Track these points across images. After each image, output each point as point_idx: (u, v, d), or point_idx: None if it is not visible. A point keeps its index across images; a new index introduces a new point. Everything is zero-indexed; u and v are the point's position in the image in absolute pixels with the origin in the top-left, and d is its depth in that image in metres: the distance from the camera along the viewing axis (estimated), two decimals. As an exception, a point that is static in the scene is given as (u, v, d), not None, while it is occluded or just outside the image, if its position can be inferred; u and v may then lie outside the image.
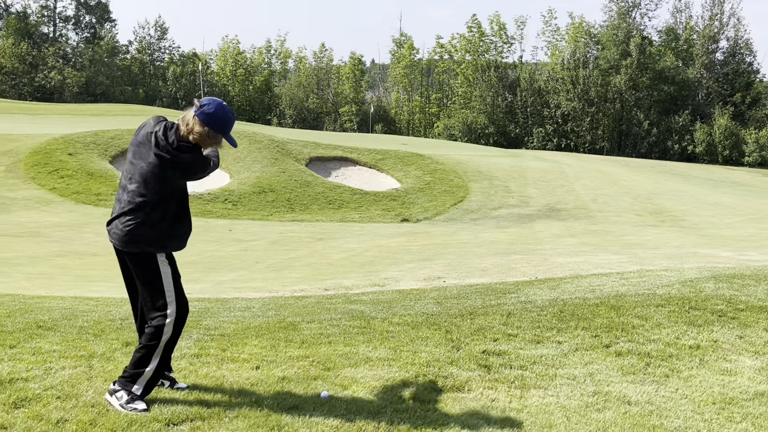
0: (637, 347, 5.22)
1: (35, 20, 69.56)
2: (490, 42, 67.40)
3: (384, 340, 5.37)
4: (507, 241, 16.04)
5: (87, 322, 5.88)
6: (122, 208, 3.80)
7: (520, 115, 60.01)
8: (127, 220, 3.77)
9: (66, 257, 12.58)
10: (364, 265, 12.04)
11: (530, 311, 6.46)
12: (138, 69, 70.83)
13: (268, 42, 75.10)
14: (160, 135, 3.84)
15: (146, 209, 3.77)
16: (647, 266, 9.65)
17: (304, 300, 7.79)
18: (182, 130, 3.87)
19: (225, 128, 3.95)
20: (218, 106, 3.90)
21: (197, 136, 3.87)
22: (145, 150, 3.83)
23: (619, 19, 61.19)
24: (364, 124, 64.59)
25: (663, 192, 28.73)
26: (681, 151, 54.03)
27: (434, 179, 27.59)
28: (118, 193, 3.97)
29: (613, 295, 7.19)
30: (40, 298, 7.49)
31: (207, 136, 3.88)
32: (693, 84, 58.89)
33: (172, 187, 3.86)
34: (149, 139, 3.85)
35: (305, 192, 24.31)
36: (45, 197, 20.34)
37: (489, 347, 5.17)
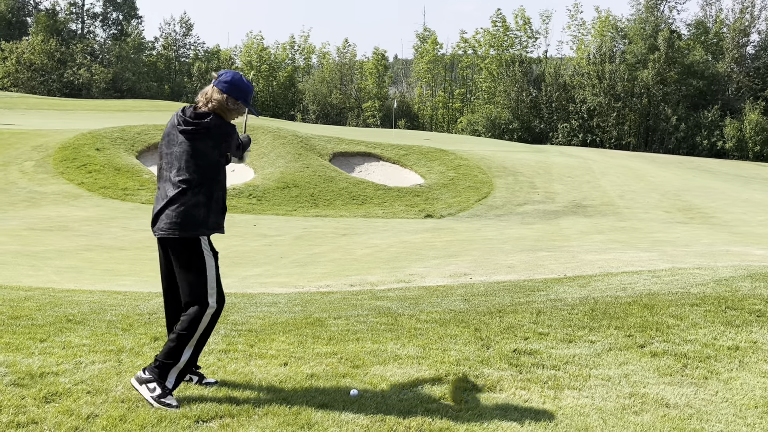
0: (673, 348, 5.08)
1: (64, 17, 70.57)
2: (514, 36, 66.85)
3: (412, 337, 5.30)
4: (533, 238, 15.86)
5: (115, 317, 5.89)
6: (167, 196, 3.79)
7: (545, 111, 59.42)
8: (175, 207, 3.75)
9: (94, 251, 12.70)
10: (389, 261, 11.97)
11: (560, 309, 6.34)
12: (164, 65, 71.52)
13: (291, 38, 75.46)
14: (179, 114, 3.92)
15: (191, 191, 3.76)
16: (679, 264, 9.44)
17: (330, 296, 7.74)
18: (200, 102, 3.92)
19: (244, 95, 3.95)
20: (235, 74, 3.96)
21: (215, 103, 3.89)
22: (173, 135, 3.87)
23: (647, 13, 60.23)
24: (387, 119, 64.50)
25: (692, 188, 28.22)
26: (710, 147, 53.08)
27: (458, 175, 27.42)
28: (158, 189, 3.97)
29: (646, 293, 7.04)
30: (69, 292, 7.54)
31: (226, 104, 3.89)
32: (723, 78, 57.77)
33: (210, 162, 3.83)
34: (173, 124, 3.91)
35: (329, 187, 24.31)
36: (73, 192, 20.59)
37: (520, 346, 5.07)
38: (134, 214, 18.42)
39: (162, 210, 3.79)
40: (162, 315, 6.05)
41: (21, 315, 5.77)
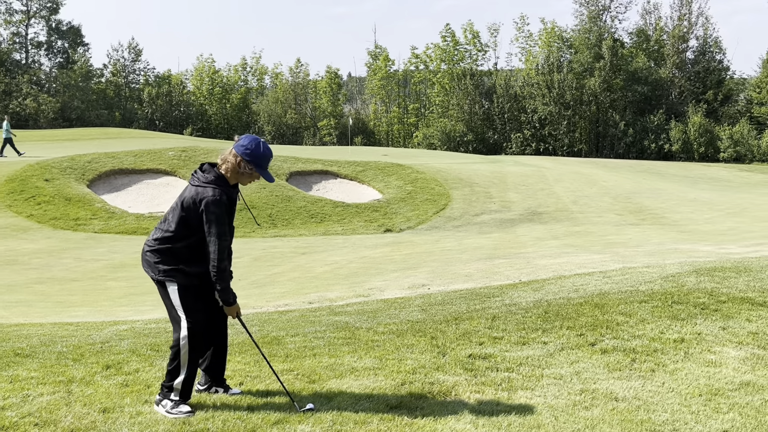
0: (622, 344, 5.22)
1: (7, 47, 68.92)
2: (464, 51, 67.86)
3: (369, 349, 5.32)
4: (490, 246, 16.06)
5: (66, 347, 5.76)
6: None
7: (498, 122, 60.39)
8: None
9: (45, 284, 12.38)
10: (349, 277, 11.97)
11: (515, 313, 6.45)
12: (113, 92, 70.35)
13: (243, 59, 74.99)
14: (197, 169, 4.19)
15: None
16: (629, 264, 9.69)
17: (288, 314, 7.71)
18: (219, 161, 4.12)
19: (258, 161, 4.07)
20: (254, 140, 4.10)
21: (228, 165, 4.04)
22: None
23: (590, 23, 61.95)
24: (343, 137, 64.63)
25: (642, 191, 28.98)
26: (658, 150, 54.64)
27: (415, 188, 27.61)
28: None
29: (597, 293, 7.21)
30: (18, 326, 7.34)
31: (238, 167, 4.03)
32: (666, 83, 59.68)
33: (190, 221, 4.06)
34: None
35: (287, 207, 24.20)
36: (22, 224, 20.04)
37: (475, 351, 5.15)
38: (87, 244, 18.02)
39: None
40: (115, 343, 5.96)
41: (-34, 352, 5.60)
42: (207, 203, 3.89)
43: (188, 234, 3.97)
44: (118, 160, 26.25)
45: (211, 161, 4.24)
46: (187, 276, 3.99)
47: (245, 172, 4.04)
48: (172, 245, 3.99)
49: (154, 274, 4.04)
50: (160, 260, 4.01)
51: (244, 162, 4.02)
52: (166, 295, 4.03)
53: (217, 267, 3.90)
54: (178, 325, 4.01)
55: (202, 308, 4.07)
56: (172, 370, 4.00)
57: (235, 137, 4.05)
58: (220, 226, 3.89)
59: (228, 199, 4.01)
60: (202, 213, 3.89)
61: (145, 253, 4.10)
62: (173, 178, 26.06)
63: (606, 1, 62.54)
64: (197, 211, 3.91)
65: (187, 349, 3.97)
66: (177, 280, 3.99)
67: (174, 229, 3.99)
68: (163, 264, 4.00)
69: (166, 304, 4.09)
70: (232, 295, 4.01)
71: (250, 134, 4.23)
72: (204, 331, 4.07)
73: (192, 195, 3.97)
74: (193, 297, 4.03)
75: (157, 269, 4.01)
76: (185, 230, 3.97)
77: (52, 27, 69.81)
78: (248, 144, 4.04)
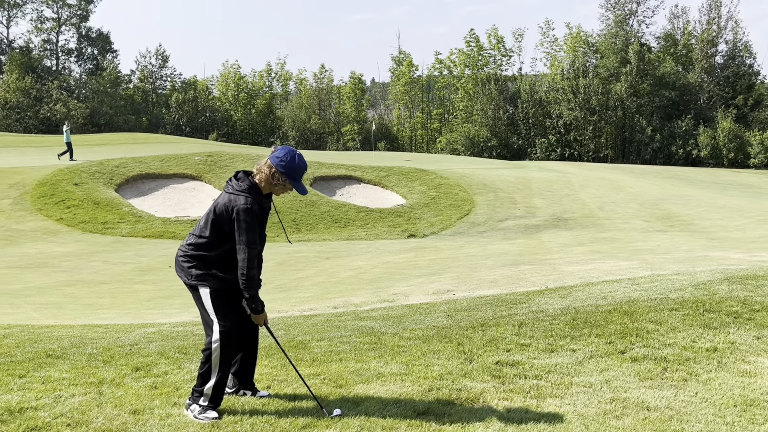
0: (653, 352, 5.14)
1: (38, 54, 70.35)
2: (488, 56, 67.69)
3: (395, 355, 5.30)
4: (515, 252, 15.94)
5: (96, 349, 5.84)
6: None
7: (522, 127, 60.06)
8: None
9: (75, 286, 12.56)
10: (373, 282, 11.97)
11: (542, 320, 6.39)
12: (141, 98, 71.37)
13: (268, 65, 75.60)
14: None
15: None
16: (658, 271, 9.55)
17: (314, 318, 7.73)
18: (254, 170, 4.16)
19: (292, 173, 4.09)
20: (290, 151, 4.12)
21: (262, 175, 4.09)
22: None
23: (617, 27, 61.39)
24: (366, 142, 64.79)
25: (670, 197, 28.57)
26: (686, 155, 53.87)
27: (439, 194, 27.55)
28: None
29: (626, 300, 7.11)
30: (49, 328, 7.46)
31: (271, 178, 4.07)
32: (694, 88, 58.88)
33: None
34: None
35: (311, 212, 24.30)
36: (52, 228, 20.39)
37: (502, 358, 5.10)
38: (115, 248, 18.27)
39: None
40: (143, 345, 6.02)
41: (0, 353, 5.69)
42: (238, 211, 3.93)
43: (221, 241, 4.01)
44: (146, 165, 26.61)
45: (244, 169, 4.28)
46: (219, 280, 4.04)
47: (278, 183, 4.08)
48: (205, 252, 4.05)
49: (187, 278, 4.09)
50: (194, 265, 4.06)
51: (278, 173, 4.05)
52: (199, 299, 4.06)
53: (246, 275, 3.92)
54: (210, 329, 4.04)
55: (235, 312, 4.09)
56: (203, 374, 4.02)
57: (272, 147, 4.06)
58: (250, 234, 3.92)
59: (260, 208, 4.03)
60: (234, 221, 3.92)
61: (178, 258, 4.15)
62: (199, 183, 26.34)
63: (633, 6, 62.00)
64: (229, 218, 3.96)
65: (219, 352, 3.99)
66: (209, 284, 4.03)
67: (207, 236, 4.04)
68: (196, 269, 4.05)
69: (199, 309, 4.13)
70: (260, 304, 4.03)
71: (287, 146, 4.26)
72: (236, 335, 4.09)
73: (225, 202, 4.02)
74: (226, 301, 4.06)
75: (190, 274, 4.06)
76: (218, 237, 4.01)
77: (82, 34, 71.13)
78: (283, 156, 4.06)
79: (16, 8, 70.13)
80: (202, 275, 4.04)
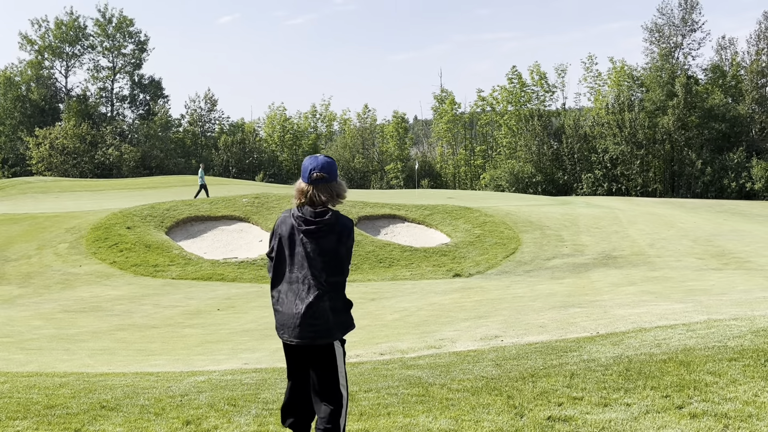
0: (713, 407, 4.94)
1: (94, 101, 73.46)
2: (531, 92, 67.67)
3: (444, 408, 5.23)
4: (563, 293, 15.65)
5: (148, 400, 5.93)
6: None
7: (568, 162, 59.50)
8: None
9: (126, 330, 12.85)
10: (419, 326, 11.89)
11: (594, 371, 6.23)
12: (190, 141, 73.57)
13: (313, 107, 77.22)
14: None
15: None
16: (714, 315, 9.23)
17: (360, 366, 7.70)
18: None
19: (303, 172, 3.92)
20: (308, 157, 3.96)
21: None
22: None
23: (662, 61, 60.74)
24: (410, 180, 65.06)
25: (724, 233, 27.73)
26: (739, 188, 52.39)
27: (484, 232, 27.36)
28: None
29: (681, 349, 6.88)
30: (103, 376, 7.62)
31: (296, 188, 3.92)
32: (745, 120, 57.53)
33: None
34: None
35: (356, 252, 24.41)
36: (106, 271, 20.98)
37: (554, 413, 4.98)
38: (165, 290, 18.65)
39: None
40: (193, 396, 6.09)
41: (56, 404, 5.84)
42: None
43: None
44: (195, 208, 27.26)
45: (283, 207, 4.21)
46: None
47: (297, 189, 3.90)
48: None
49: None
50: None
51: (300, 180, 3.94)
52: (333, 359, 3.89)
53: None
54: (338, 401, 3.82)
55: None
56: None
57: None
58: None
59: (284, 224, 3.92)
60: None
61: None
62: (246, 225, 26.80)
63: (678, 38, 61.34)
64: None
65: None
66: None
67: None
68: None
69: (322, 374, 3.84)
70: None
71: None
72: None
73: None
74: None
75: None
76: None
77: (135, 81, 74.08)
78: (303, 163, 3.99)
79: (74, 58, 73.63)
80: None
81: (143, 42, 73.45)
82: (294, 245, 3.82)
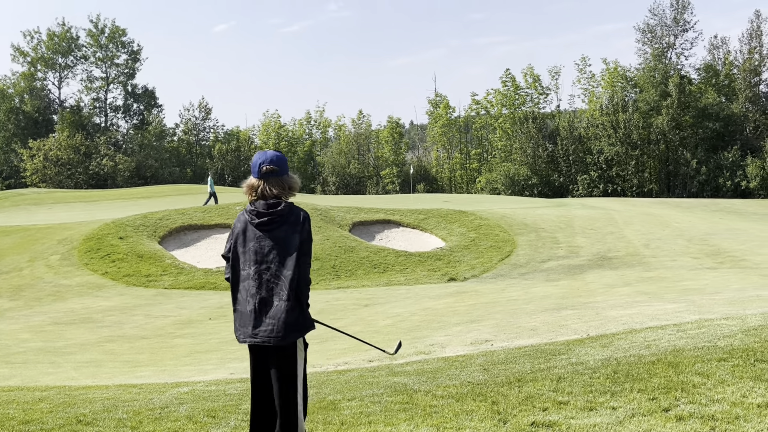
0: (700, 409, 4.83)
1: (88, 112, 73.36)
2: (525, 94, 67.73)
3: (426, 416, 5.12)
4: (558, 295, 15.55)
5: (126, 414, 5.80)
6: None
7: (563, 164, 59.50)
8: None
9: (116, 342, 12.71)
10: (411, 331, 11.77)
11: (581, 374, 6.12)
12: (185, 149, 73.46)
13: (307, 113, 77.21)
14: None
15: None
16: (706, 315, 9.13)
17: (347, 374, 7.59)
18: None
19: (253, 168, 3.88)
20: (255, 154, 3.92)
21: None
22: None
23: (655, 61, 60.83)
24: (406, 185, 65.02)
25: (719, 231, 27.67)
26: (734, 187, 52.41)
27: (479, 235, 27.27)
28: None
29: (671, 350, 6.78)
30: (85, 389, 7.49)
31: (245, 184, 3.87)
32: (739, 118, 57.59)
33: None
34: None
35: (350, 258, 24.29)
36: (97, 282, 20.83)
37: (538, 418, 4.87)
38: (157, 300, 18.51)
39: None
40: (173, 408, 5.97)
41: (32, 419, 5.71)
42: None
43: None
44: (188, 216, 27.13)
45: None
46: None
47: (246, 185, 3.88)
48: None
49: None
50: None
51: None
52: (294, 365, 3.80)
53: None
54: (296, 414, 3.73)
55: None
56: None
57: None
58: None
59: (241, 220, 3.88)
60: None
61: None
62: (240, 232, 26.64)
63: (671, 39, 61.47)
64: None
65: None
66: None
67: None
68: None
69: (282, 383, 3.77)
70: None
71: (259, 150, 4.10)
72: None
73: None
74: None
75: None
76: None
77: (128, 91, 74.02)
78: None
79: (67, 69, 73.56)
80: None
81: (136, 52, 73.41)
82: (247, 241, 3.73)
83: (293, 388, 3.66)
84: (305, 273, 3.73)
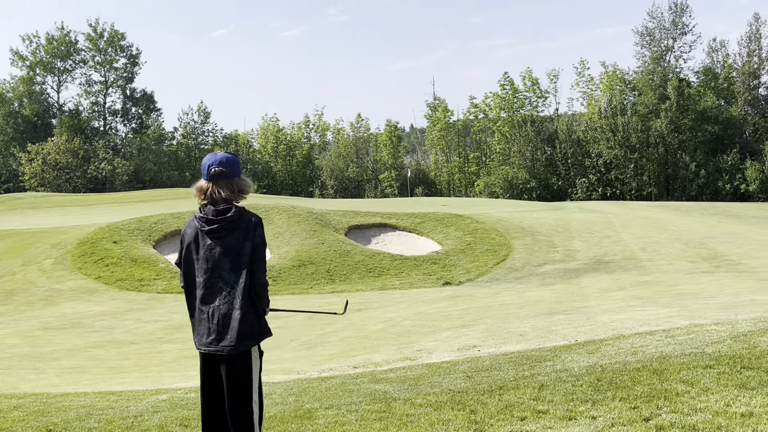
0: (681, 419, 4.70)
1: (87, 116, 73.31)
2: (524, 98, 67.60)
3: (402, 426, 4.99)
4: (551, 300, 15.42)
5: (99, 422, 5.68)
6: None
7: (562, 167, 59.36)
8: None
9: (103, 347, 12.58)
10: (400, 336, 11.65)
11: (565, 381, 5.99)
12: (184, 153, 73.38)
13: (306, 117, 77.12)
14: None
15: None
16: (697, 320, 9.00)
17: (329, 381, 7.46)
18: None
19: (203, 170, 3.88)
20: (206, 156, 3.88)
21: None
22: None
23: (654, 64, 60.72)
24: (404, 188, 64.89)
25: (717, 235, 27.52)
26: (733, 190, 52.25)
27: (475, 239, 27.12)
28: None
29: (657, 357, 6.65)
30: (62, 396, 7.36)
31: (195, 187, 3.84)
32: (738, 122, 57.46)
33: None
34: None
35: (345, 262, 24.15)
36: (90, 286, 20.70)
37: (515, 428, 4.74)
38: (149, 305, 18.39)
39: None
40: (147, 417, 5.84)
41: (2, 428, 5.59)
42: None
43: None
44: (183, 220, 27.01)
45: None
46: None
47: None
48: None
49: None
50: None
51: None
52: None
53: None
54: (251, 414, 3.63)
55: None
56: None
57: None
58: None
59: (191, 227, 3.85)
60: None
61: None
62: (235, 236, 26.52)
63: (669, 42, 61.37)
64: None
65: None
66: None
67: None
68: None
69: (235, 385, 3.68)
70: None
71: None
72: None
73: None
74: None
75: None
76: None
77: (127, 95, 73.99)
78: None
79: (66, 73, 73.55)
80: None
81: (135, 55, 73.40)
82: (199, 248, 3.62)
83: (247, 399, 3.55)
84: (260, 277, 3.62)
